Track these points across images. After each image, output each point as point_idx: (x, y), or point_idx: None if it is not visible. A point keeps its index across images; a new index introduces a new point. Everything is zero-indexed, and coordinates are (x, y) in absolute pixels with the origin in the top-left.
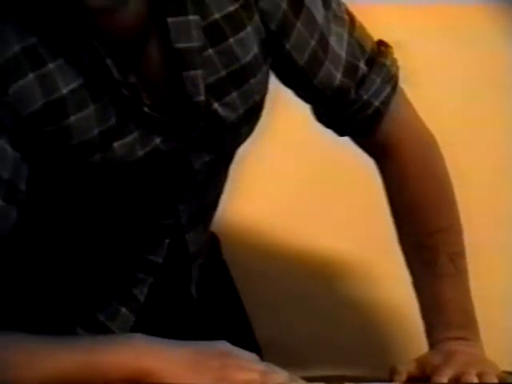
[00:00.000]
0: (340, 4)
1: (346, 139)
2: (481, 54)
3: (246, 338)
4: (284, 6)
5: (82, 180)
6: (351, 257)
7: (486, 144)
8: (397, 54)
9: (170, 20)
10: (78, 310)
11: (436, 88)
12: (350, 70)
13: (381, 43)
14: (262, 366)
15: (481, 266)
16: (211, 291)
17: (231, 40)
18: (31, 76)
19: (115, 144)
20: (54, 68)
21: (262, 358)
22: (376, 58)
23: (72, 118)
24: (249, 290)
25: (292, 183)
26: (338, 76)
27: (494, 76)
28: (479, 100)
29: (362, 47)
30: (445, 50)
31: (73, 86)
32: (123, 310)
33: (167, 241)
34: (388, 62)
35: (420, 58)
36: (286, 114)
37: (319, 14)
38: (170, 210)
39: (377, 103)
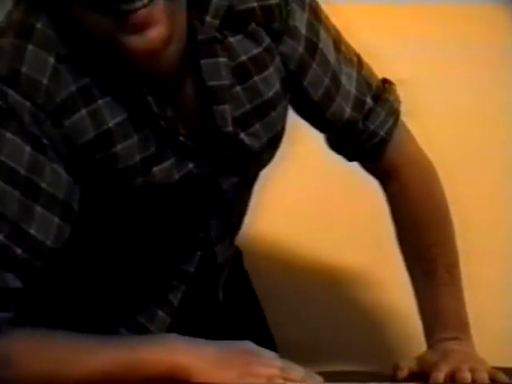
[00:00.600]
0: (348, 47)
1: (355, 164)
2: (475, 90)
3: (264, 338)
4: (301, 49)
5: (125, 199)
6: (359, 266)
7: (481, 168)
8: (399, 91)
9: (203, 62)
10: (121, 312)
11: (434, 121)
12: (358, 104)
13: (385, 81)
14: (281, 362)
15: (473, 274)
16: (235, 296)
17: (256, 78)
18: (84, 111)
19: (155, 169)
20: (102, 104)
21: (280, 355)
22: (381, 94)
23: (118, 147)
24: (267, 295)
25: (306, 202)
26: (348, 110)
27: (487, 109)
28: (474, 130)
29: (368, 85)
30: (442, 87)
31: (119, 119)
32: (160, 312)
33: (199, 253)
34: (391, 98)
35: (420, 95)
36: (302, 142)
37: (331, 56)
38: (202, 226)
39: (382, 133)
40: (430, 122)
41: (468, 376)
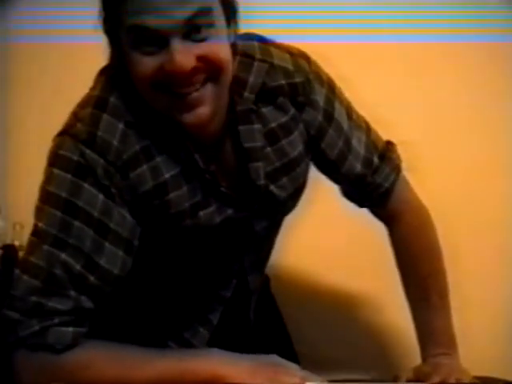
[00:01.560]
0: (359, 116)
1: (364, 210)
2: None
3: (288, 352)
4: (320, 118)
5: (176, 237)
6: (368, 292)
7: (473, 213)
8: (400, 150)
9: (240, 128)
10: (170, 329)
11: (432, 175)
12: (367, 162)
13: (389, 142)
14: (302, 372)
15: (462, 299)
16: (264, 316)
17: (283, 141)
18: (145, 167)
19: (201, 213)
20: (160, 161)
21: (301, 366)
22: (386, 153)
23: (171, 195)
24: (290, 315)
25: (324, 238)
26: (359, 167)
27: (476, 163)
28: (465, 181)
29: (375, 146)
30: (438, 148)
31: (172, 172)
32: (201, 329)
33: (234, 281)
34: (394, 156)
35: (419, 154)
36: (321, 191)
37: (345, 123)
38: (237, 260)
39: (386, 185)
40: (427, 176)
41: None
